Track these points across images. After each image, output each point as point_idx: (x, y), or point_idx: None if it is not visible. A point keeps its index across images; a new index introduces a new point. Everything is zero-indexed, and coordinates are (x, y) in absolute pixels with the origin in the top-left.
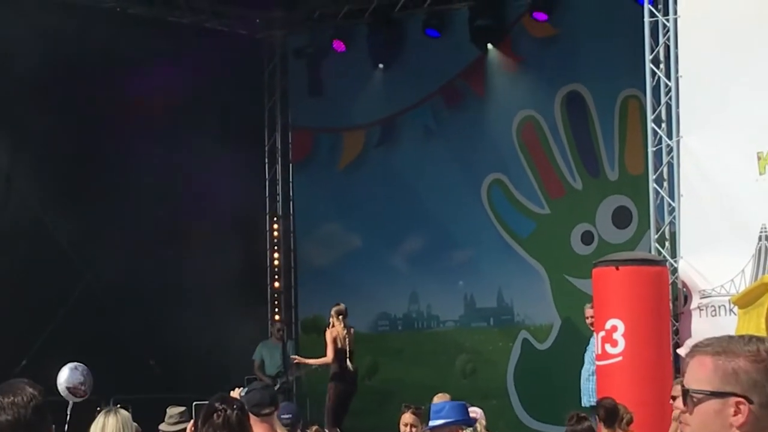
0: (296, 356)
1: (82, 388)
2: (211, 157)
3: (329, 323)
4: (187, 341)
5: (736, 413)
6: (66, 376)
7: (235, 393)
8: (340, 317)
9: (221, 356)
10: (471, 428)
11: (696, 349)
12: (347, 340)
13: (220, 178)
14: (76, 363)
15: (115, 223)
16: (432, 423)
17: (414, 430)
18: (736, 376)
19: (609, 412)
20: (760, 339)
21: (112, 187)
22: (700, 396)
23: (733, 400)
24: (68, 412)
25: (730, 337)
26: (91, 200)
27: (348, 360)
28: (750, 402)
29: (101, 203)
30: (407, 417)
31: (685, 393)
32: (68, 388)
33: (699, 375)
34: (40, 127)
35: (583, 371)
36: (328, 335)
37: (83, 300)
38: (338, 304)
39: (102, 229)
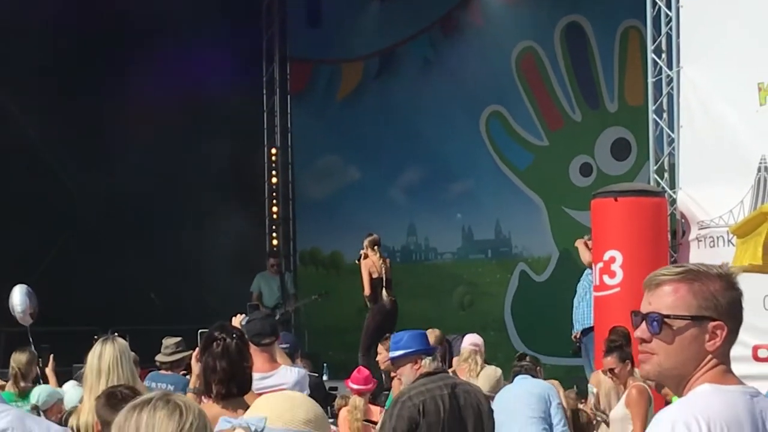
0: None
1: (31, 311)
2: (209, 88)
3: (361, 255)
4: (187, 273)
5: (712, 338)
6: (19, 300)
7: (236, 320)
8: (375, 247)
9: (221, 287)
10: (430, 357)
11: (663, 276)
12: (384, 269)
13: (219, 109)
14: (21, 286)
15: (114, 151)
16: (392, 354)
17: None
18: (715, 300)
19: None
20: (723, 266)
21: (110, 113)
22: (680, 322)
23: (712, 324)
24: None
25: (696, 265)
26: (86, 126)
27: (385, 289)
28: (726, 326)
29: (97, 129)
30: (382, 346)
31: (658, 320)
32: (24, 312)
33: (675, 302)
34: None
35: (574, 300)
36: (363, 267)
37: (81, 231)
38: (371, 234)
39: (103, 159)
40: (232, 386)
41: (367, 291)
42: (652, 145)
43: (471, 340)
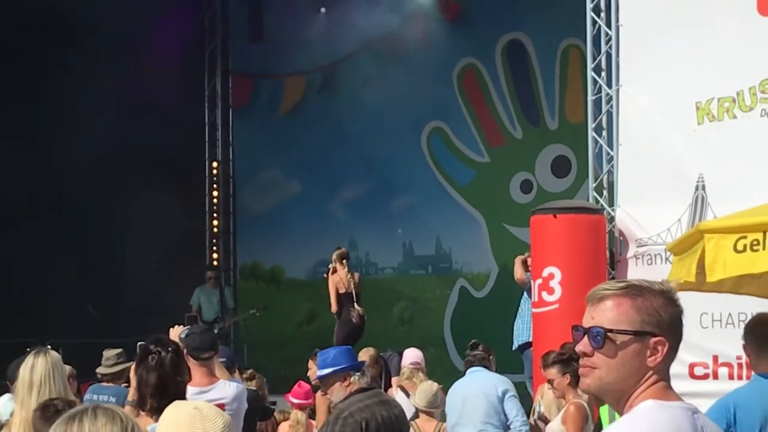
0: None
1: None
2: (150, 101)
3: (329, 269)
4: (126, 285)
5: (653, 353)
6: None
7: (174, 331)
8: (344, 261)
9: (159, 300)
10: (359, 373)
11: (606, 291)
12: (352, 283)
13: (160, 122)
14: None
15: (53, 161)
16: (319, 372)
17: None
18: (657, 316)
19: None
20: (664, 283)
21: (50, 121)
22: (623, 337)
23: (653, 340)
24: None
25: (638, 280)
26: (24, 134)
27: (355, 304)
28: (667, 342)
29: (37, 139)
30: (312, 364)
31: (600, 334)
32: None
33: (618, 316)
34: None
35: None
36: (330, 282)
37: (19, 244)
38: (339, 248)
39: (41, 170)
40: (165, 400)
41: (333, 308)
42: (592, 163)
43: (411, 358)
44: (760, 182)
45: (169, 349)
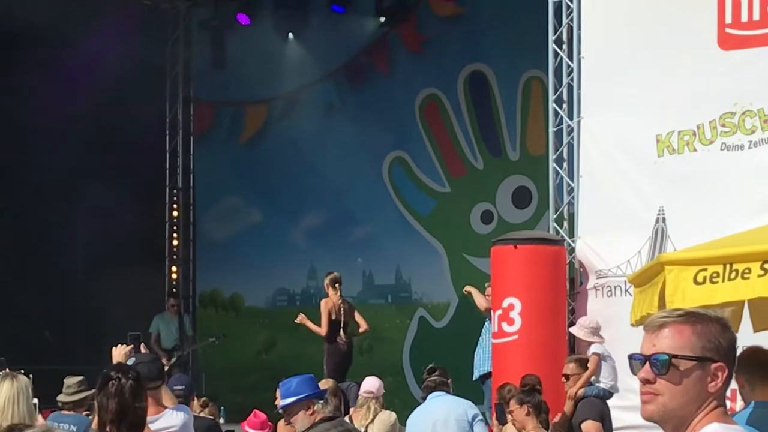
0: (302, 314)
1: None
2: (111, 128)
3: (326, 293)
4: (85, 311)
5: (713, 379)
6: None
7: (117, 350)
8: (336, 285)
9: (119, 326)
10: (322, 401)
11: (666, 318)
12: (342, 310)
13: (121, 147)
14: None
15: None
16: (282, 402)
17: None
18: (717, 342)
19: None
20: (716, 311)
21: (10, 147)
22: (687, 363)
23: (714, 366)
24: None
25: (693, 309)
26: None
27: (342, 331)
28: (726, 368)
29: None
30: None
31: (665, 360)
32: None
33: (679, 343)
34: None
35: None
36: (323, 306)
37: None
38: (331, 273)
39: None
40: (123, 427)
41: (323, 331)
42: (552, 194)
43: (367, 387)
44: (720, 215)
45: (129, 375)
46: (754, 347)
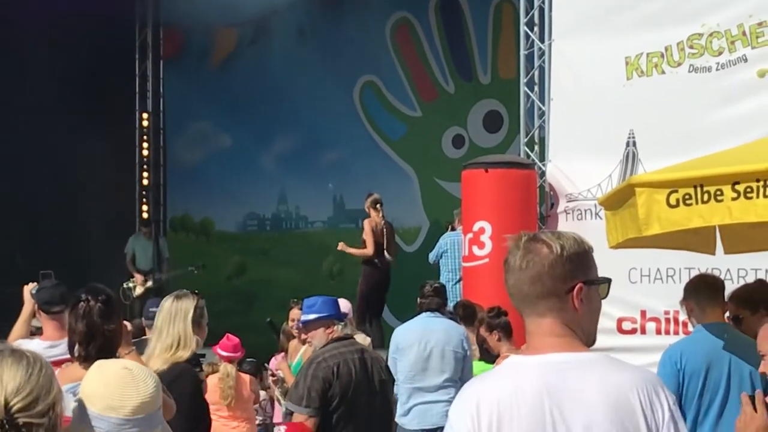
0: (342, 242)
1: None
2: (79, 51)
3: (367, 214)
4: (57, 236)
5: None
6: None
7: (27, 288)
8: (378, 206)
9: (88, 252)
10: (342, 323)
11: None
12: (384, 231)
13: (90, 70)
14: None
15: None
16: (304, 317)
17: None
18: None
19: (467, 310)
20: None
21: None
22: None
23: None
24: None
25: None
26: None
27: (386, 251)
28: None
29: None
30: (295, 312)
31: None
32: None
33: None
34: None
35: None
36: (367, 226)
37: None
38: (372, 194)
39: None
40: (92, 348)
41: (370, 251)
42: (523, 118)
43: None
44: (690, 138)
45: (99, 298)
46: (701, 274)
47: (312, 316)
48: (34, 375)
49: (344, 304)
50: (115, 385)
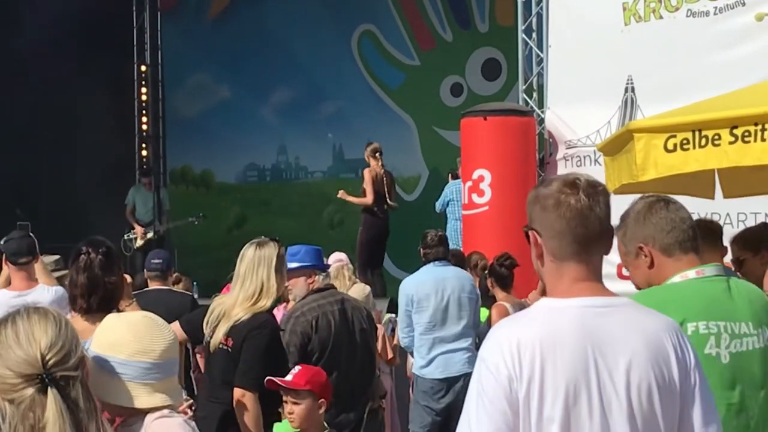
0: (342, 190)
1: None
2: (77, 4)
3: (367, 163)
4: (57, 188)
5: None
6: None
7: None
8: (377, 155)
9: (87, 204)
10: (324, 273)
11: None
12: (384, 180)
13: (89, 23)
14: None
15: None
16: (288, 265)
17: None
18: None
19: (457, 258)
20: None
21: None
22: None
23: None
24: None
25: None
26: None
27: (387, 200)
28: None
29: None
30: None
31: None
32: None
33: None
34: None
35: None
36: (367, 175)
37: None
38: (371, 143)
39: None
40: (93, 301)
41: (369, 200)
42: (522, 65)
43: (336, 257)
44: (687, 83)
45: (100, 250)
46: (699, 219)
47: (294, 265)
48: (63, 329)
49: (337, 257)
50: (144, 331)
